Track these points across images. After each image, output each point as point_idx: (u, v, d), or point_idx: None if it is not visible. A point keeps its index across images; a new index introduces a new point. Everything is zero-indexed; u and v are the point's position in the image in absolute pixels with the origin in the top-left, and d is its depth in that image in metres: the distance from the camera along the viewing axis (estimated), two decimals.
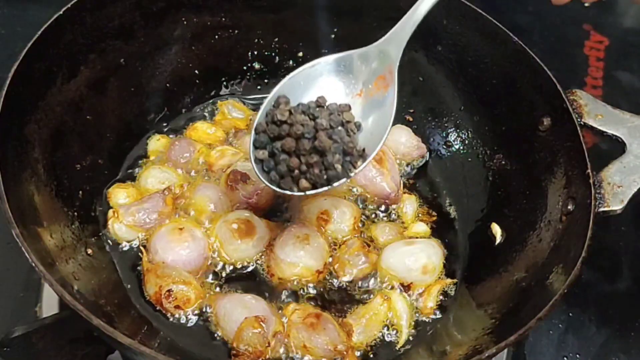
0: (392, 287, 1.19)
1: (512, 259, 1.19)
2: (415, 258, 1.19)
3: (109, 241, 1.19)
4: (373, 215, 1.29)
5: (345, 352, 1.07)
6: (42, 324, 0.98)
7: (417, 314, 1.18)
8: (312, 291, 1.17)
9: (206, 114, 1.44)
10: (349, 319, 1.14)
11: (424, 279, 1.20)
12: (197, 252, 1.15)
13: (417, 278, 1.19)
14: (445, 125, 1.41)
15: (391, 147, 1.37)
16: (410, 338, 1.15)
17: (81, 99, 1.22)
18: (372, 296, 1.17)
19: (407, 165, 1.39)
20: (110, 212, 1.21)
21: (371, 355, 1.12)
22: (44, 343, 0.97)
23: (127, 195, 1.24)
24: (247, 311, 1.07)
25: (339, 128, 1.02)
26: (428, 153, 1.41)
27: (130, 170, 1.31)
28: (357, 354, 1.11)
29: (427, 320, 1.18)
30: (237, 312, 1.08)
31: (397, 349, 1.14)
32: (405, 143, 1.38)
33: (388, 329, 1.15)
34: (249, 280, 1.16)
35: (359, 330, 1.12)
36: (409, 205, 1.32)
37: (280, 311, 1.12)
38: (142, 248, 1.17)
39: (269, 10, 1.41)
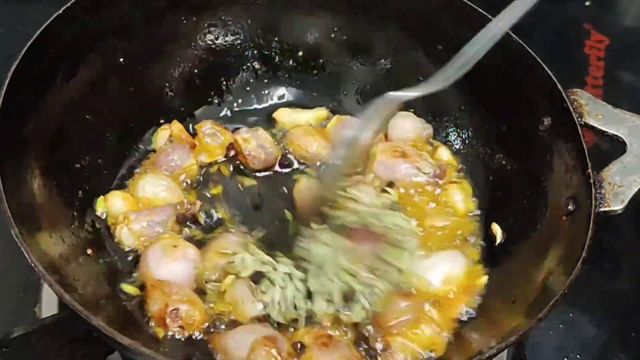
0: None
1: (512, 259, 1.19)
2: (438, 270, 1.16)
3: (109, 243, 1.19)
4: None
5: None
6: (42, 324, 0.98)
7: None
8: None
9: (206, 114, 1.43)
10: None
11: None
12: (187, 272, 1.12)
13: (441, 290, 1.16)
14: (445, 125, 1.41)
15: (400, 137, 1.36)
16: None
17: (81, 98, 1.22)
18: None
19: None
20: (121, 215, 1.19)
21: None
22: (44, 343, 0.97)
23: (125, 203, 1.22)
24: (255, 335, 1.04)
25: None
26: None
27: (130, 170, 1.31)
28: None
29: None
30: (248, 338, 1.03)
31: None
32: (411, 129, 1.37)
33: None
34: None
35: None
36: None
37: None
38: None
39: (269, 10, 1.41)
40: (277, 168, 1.35)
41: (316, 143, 1.36)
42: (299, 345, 1.06)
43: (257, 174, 1.33)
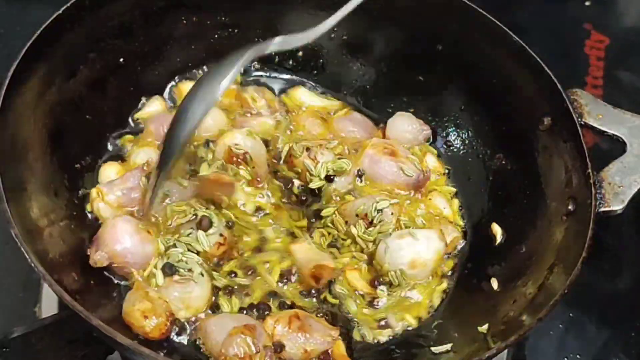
0: None
1: (512, 259, 1.19)
2: (405, 253, 1.15)
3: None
4: None
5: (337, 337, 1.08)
6: (42, 325, 0.98)
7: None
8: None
9: None
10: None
11: (414, 274, 1.17)
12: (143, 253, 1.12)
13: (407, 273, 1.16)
14: (446, 125, 1.41)
15: (397, 137, 1.36)
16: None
17: (80, 98, 1.22)
18: None
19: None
20: (94, 191, 1.18)
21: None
22: (43, 344, 0.97)
23: (117, 173, 1.22)
24: (237, 323, 1.05)
25: None
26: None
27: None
28: None
29: (426, 317, 1.18)
30: (229, 324, 1.04)
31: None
32: (409, 130, 1.37)
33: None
34: None
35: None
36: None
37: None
38: None
39: (269, 9, 1.41)
40: None
41: (320, 129, 1.37)
42: (279, 345, 1.06)
43: None
